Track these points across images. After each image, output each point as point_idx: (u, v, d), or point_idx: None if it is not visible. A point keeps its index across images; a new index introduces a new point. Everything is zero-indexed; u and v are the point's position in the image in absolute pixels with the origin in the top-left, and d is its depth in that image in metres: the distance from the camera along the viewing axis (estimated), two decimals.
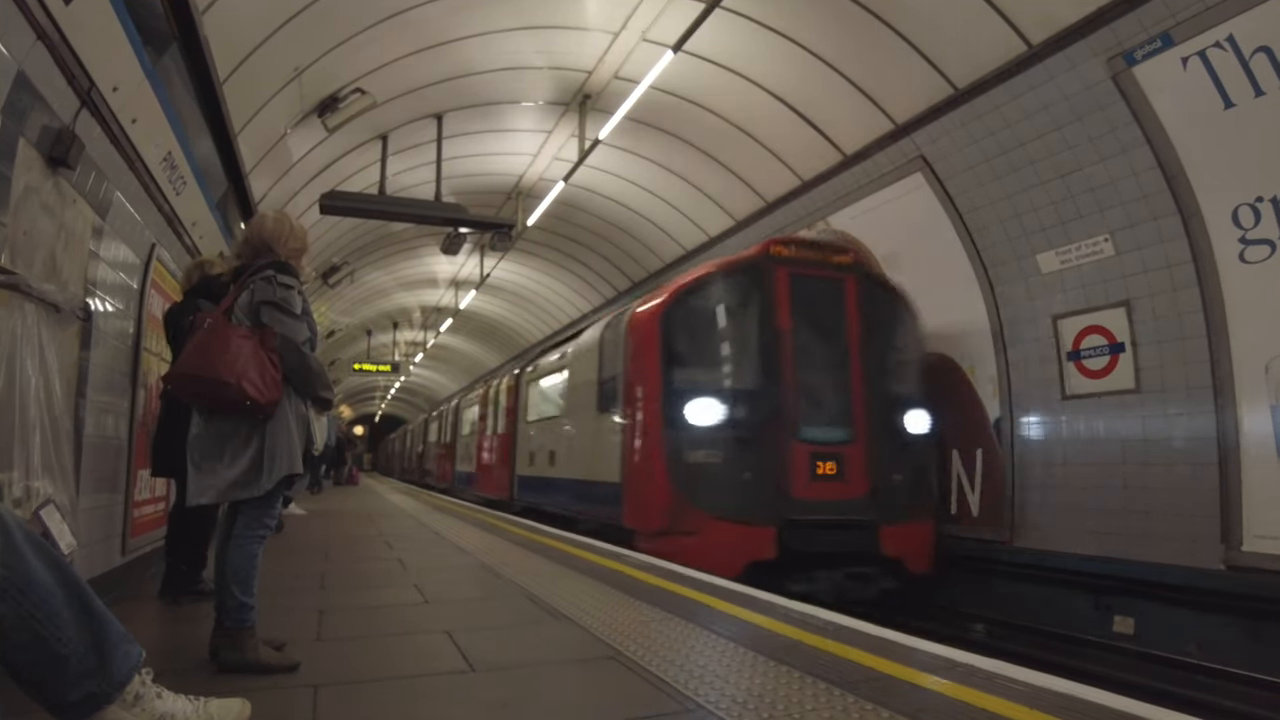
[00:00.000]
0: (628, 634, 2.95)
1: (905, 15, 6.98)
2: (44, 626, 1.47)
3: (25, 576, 1.46)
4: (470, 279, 19.26)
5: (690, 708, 2.10)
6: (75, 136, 3.04)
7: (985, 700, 2.12)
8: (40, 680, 1.50)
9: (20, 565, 1.46)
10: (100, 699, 1.54)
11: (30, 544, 1.51)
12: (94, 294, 3.57)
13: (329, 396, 2.77)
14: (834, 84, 8.20)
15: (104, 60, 3.28)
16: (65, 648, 1.49)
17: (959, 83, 7.05)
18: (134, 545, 4.39)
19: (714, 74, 9.04)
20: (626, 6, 8.10)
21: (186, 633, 3.03)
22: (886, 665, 2.50)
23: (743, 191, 11.14)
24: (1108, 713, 2.01)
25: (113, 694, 1.56)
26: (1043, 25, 6.10)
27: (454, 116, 10.50)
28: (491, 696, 2.25)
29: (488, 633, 3.09)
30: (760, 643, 2.81)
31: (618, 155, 11.57)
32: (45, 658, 1.48)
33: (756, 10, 7.75)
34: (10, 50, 2.51)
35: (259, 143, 7.54)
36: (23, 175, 2.67)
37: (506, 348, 25.24)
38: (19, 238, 2.66)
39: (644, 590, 3.93)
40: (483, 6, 8.00)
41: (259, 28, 6.10)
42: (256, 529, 2.56)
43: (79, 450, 3.27)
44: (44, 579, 1.49)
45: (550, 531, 7.24)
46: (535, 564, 4.95)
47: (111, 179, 3.71)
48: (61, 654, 1.49)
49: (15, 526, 1.50)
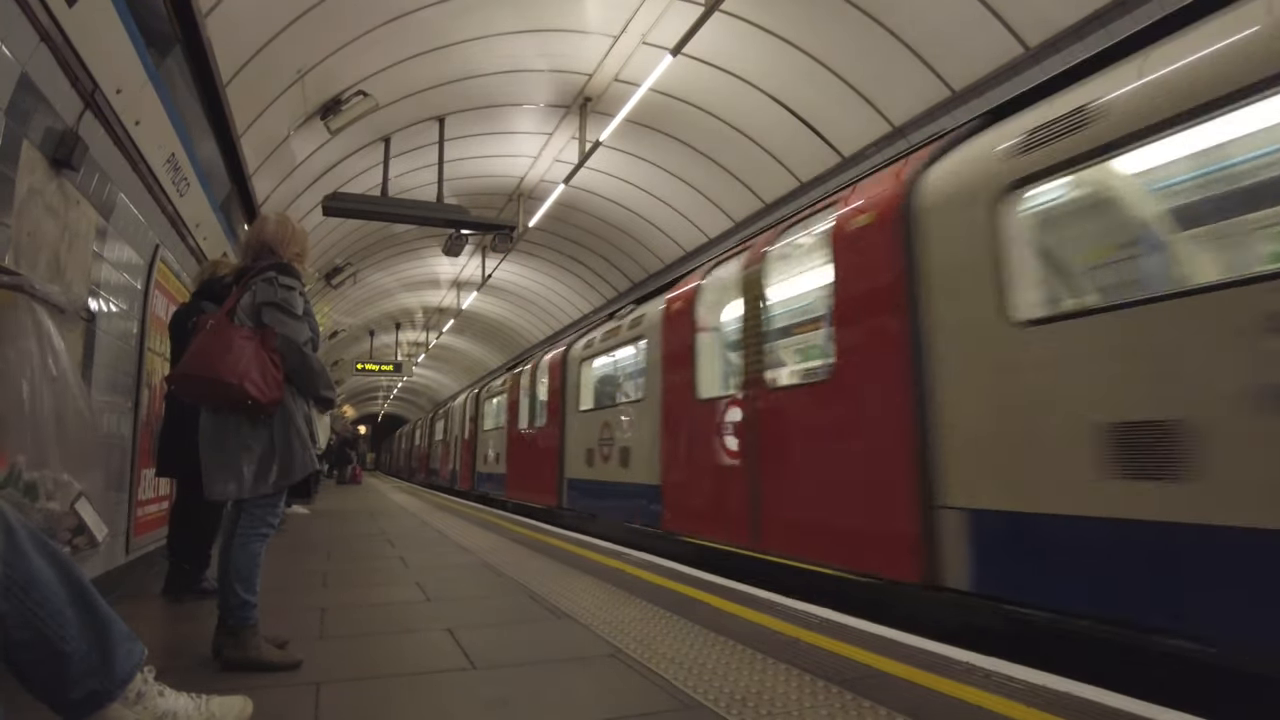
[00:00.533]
0: (628, 632, 2.96)
1: (903, 18, 7.01)
2: (47, 625, 1.48)
3: (28, 575, 1.48)
4: (472, 280, 19.30)
5: (690, 705, 2.11)
6: (79, 138, 3.06)
7: (983, 698, 2.13)
8: (43, 678, 1.51)
9: (22, 564, 1.48)
10: (103, 697, 1.56)
11: (33, 542, 1.52)
12: (98, 295, 3.59)
13: (331, 396, 2.79)
14: (832, 86, 8.23)
15: (107, 62, 3.30)
16: (68, 645, 1.50)
17: (956, 85, 7.07)
18: (138, 544, 4.41)
19: (713, 77, 9.07)
20: (626, 10, 8.14)
21: (189, 631, 3.05)
22: (884, 662, 2.51)
23: (741, 193, 11.17)
24: (1106, 711, 2.02)
25: (115, 692, 1.58)
26: (1040, 28, 6.13)
27: (456, 119, 10.54)
28: (493, 694, 2.27)
29: (489, 630, 3.11)
30: (759, 640, 2.82)
31: (618, 157, 11.61)
32: (48, 655, 1.49)
33: (755, 14, 7.78)
34: (13, 52, 2.54)
35: (262, 144, 7.57)
36: (26, 177, 2.69)
37: (508, 348, 25.27)
38: (23, 239, 2.68)
39: (644, 588, 3.94)
40: (484, 9, 8.04)
41: (262, 30, 6.13)
42: (260, 527, 2.58)
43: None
44: (47, 577, 1.51)
45: (551, 530, 7.25)
46: (536, 562, 4.97)
47: (115, 181, 3.74)
48: (65, 651, 1.50)
49: (18, 525, 1.51)
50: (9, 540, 1.47)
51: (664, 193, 12.46)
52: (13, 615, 1.44)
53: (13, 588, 1.45)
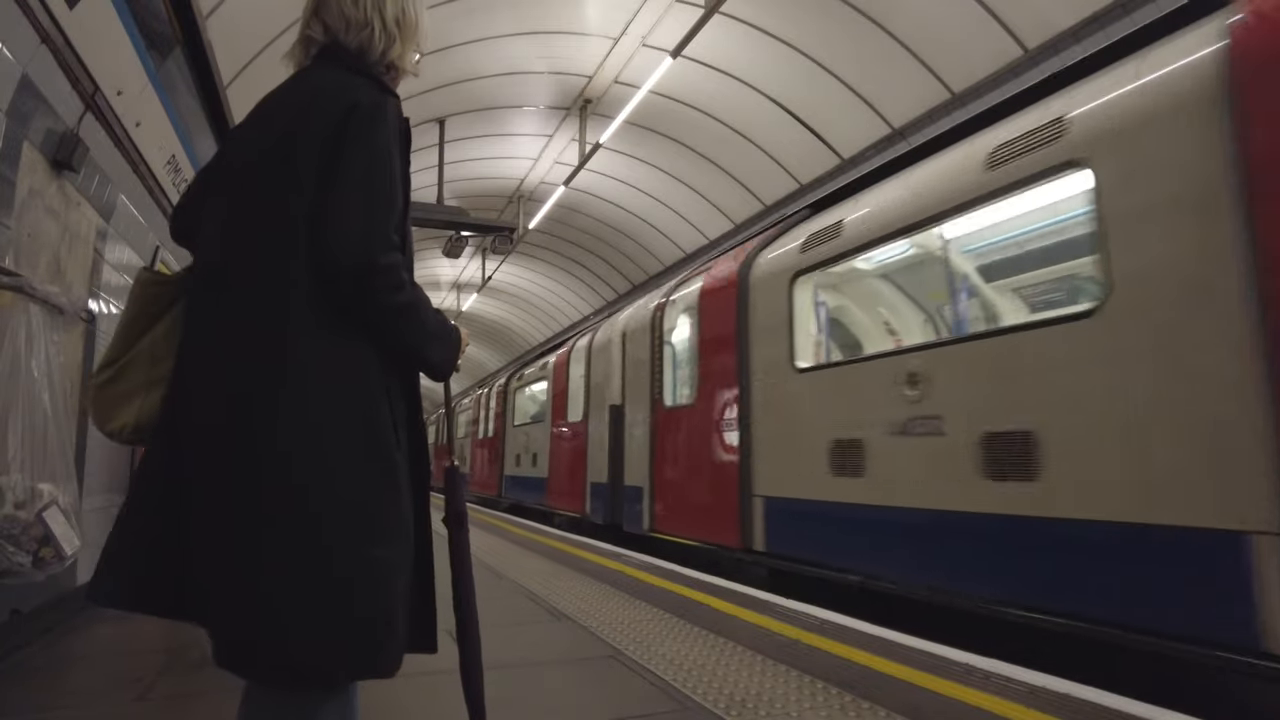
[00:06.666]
0: (628, 633, 2.96)
1: (903, 21, 7.02)
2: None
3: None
4: (472, 282, 19.31)
5: (689, 706, 2.11)
6: (79, 140, 3.06)
7: (982, 699, 2.13)
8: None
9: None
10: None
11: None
12: (98, 296, 3.59)
13: None
14: (832, 88, 8.24)
15: (108, 64, 3.30)
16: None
17: (955, 87, 7.08)
18: None
19: (712, 79, 9.08)
20: (626, 12, 8.15)
21: (189, 631, 3.04)
22: (883, 664, 2.51)
23: (741, 194, 11.18)
24: (1105, 712, 2.02)
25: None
26: (1039, 30, 6.14)
27: (456, 121, 10.56)
28: (492, 695, 2.25)
29: (488, 631, 3.08)
30: (759, 641, 2.82)
31: (618, 159, 11.62)
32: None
33: (755, 16, 7.80)
34: (14, 54, 2.54)
35: None
36: (27, 178, 2.70)
37: (508, 350, 25.27)
38: (23, 240, 2.68)
39: (644, 590, 3.94)
40: (485, 12, 8.05)
41: (262, 32, 6.14)
42: None
43: (83, 452, 3.29)
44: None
45: (551, 532, 7.25)
46: (536, 563, 4.96)
47: (115, 182, 3.74)
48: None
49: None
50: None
51: (664, 195, 12.47)
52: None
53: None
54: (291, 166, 1.10)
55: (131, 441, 1.15)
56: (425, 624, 1.20)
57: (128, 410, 1.14)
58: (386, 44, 1.26)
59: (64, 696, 2.28)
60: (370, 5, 1.24)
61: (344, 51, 1.24)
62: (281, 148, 1.12)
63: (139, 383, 1.16)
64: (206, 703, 2.19)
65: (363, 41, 1.24)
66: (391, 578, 1.10)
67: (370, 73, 1.22)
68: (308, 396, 1.05)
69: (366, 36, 1.24)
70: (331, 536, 1.04)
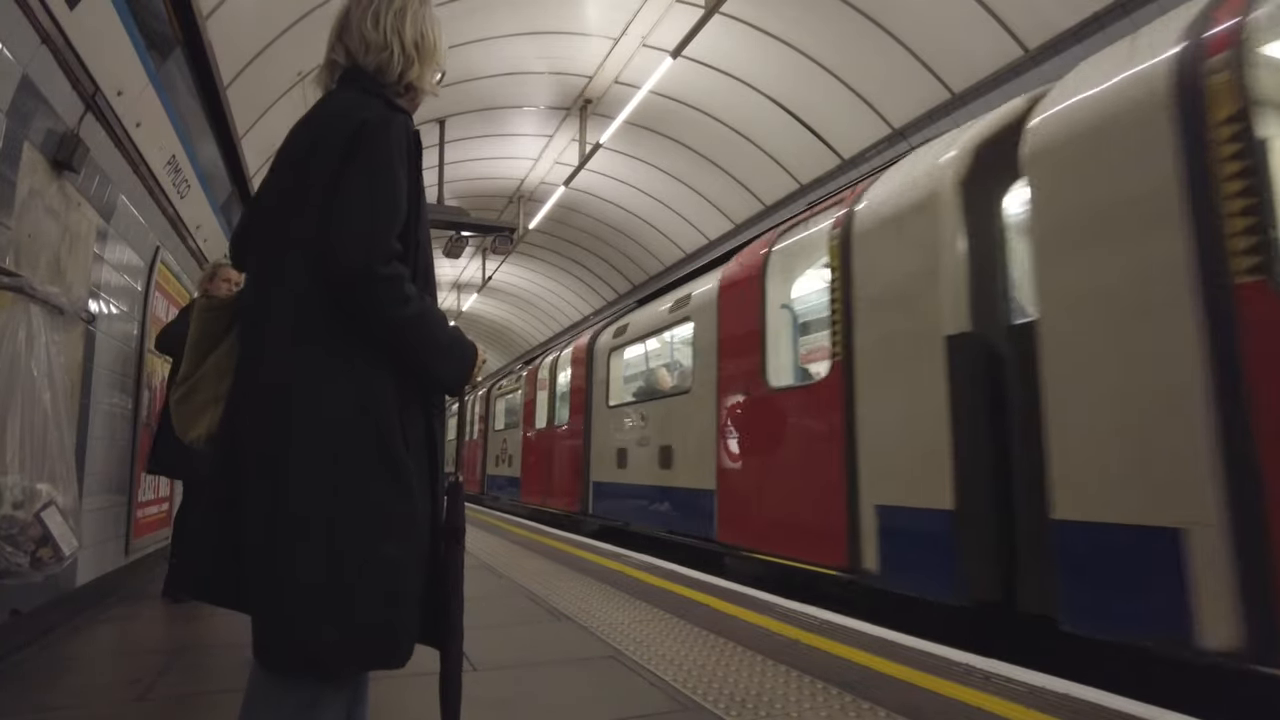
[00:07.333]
0: (628, 633, 2.96)
1: (903, 21, 7.03)
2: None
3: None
4: (472, 282, 19.31)
5: (689, 706, 2.11)
6: (80, 140, 3.06)
7: (982, 699, 2.13)
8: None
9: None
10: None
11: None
12: (98, 296, 3.59)
13: None
14: (832, 89, 8.25)
15: (108, 64, 3.30)
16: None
17: (955, 87, 7.09)
18: (137, 545, 4.41)
19: (713, 79, 9.09)
20: (627, 12, 8.15)
21: (190, 631, 3.05)
22: (884, 664, 2.51)
23: (741, 195, 11.18)
24: (1106, 712, 2.02)
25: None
26: (1039, 30, 6.14)
27: (456, 121, 10.56)
28: (493, 695, 2.27)
29: (489, 632, 3.11)
30: (759, 642, 2.82)
31: (618, 159, 11.63)
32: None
33: (755, 16, 7.80)
34: (14, 54, 2.54)
35: (263, 147, 7.57)
36: (27, 178, 2.70)
37: (509, 350, 25.27)
38: (23, 240, 2.69)
39: (644, 590, 3.94)
40: (485, 12, 8.06)
41: (262, 32, 6.14)
42: None
43: (83, 452, 3.29)
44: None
45: (551, 532, 7.26)
46: (536, 564, 4.97)
47: (116, 182, 3.74)
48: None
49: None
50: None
51: (664, 195, 12.47)
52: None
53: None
54: (305, 187, 1.16)
55: (208, 450, 1.25)
56: (437, 619, 1.21)
57: (202, 421, 1.27)
58: (405, 66, 1.30)
59: (64, 696, 2.28)
60: (390, 28, 1.28)
61: (362, 74, 1.29)
62: (299, 170, 1.19)
63: (209, 397, 1.27)
64: (206, 703, 2.19)
65: (381, 63, 1.29)
66: (400, 574, 1.14)
67: (383, 93, 1.27)
68: (320, 405, 1.11)
69: (385, 59, 1.29)
70: (345, 535, 1.09)
